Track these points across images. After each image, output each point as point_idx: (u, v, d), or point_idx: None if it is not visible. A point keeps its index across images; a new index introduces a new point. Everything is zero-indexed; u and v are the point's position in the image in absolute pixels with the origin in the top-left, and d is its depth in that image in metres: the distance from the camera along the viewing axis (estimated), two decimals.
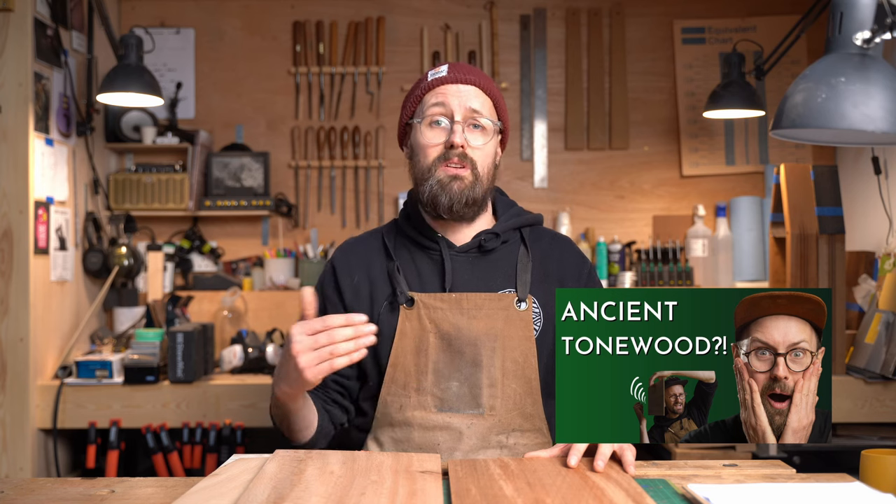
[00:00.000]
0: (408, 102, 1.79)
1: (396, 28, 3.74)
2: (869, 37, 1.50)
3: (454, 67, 1.75)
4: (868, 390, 2.74)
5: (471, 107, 1.71)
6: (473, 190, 1.70)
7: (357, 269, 1.78)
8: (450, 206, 1.70)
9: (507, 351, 1.69)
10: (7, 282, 2.83)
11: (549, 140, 3.73)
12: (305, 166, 3.69)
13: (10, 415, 2.83)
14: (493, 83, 1.79)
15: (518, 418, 1.70)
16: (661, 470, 1.45)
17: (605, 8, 3.73)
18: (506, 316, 1.70)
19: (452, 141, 1.69)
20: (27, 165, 2.84)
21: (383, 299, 1.73)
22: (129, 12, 3.69)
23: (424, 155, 1.72)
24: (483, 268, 1.75)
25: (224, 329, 3.38)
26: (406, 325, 1.70)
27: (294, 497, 1.20)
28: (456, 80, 1.72)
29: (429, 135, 1.72)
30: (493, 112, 1.76)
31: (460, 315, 1.69)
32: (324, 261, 3.58)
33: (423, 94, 1.75)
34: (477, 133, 1.72)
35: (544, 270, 1.77)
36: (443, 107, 1.71)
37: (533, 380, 1.71)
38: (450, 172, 1.69)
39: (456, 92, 1.72)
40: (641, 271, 3.51)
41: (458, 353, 1.68)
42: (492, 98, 1.76)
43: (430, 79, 1.75)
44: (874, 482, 1.44)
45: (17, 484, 1.41)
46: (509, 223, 1.79)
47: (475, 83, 1.74)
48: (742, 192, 3.69)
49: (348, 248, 1.83)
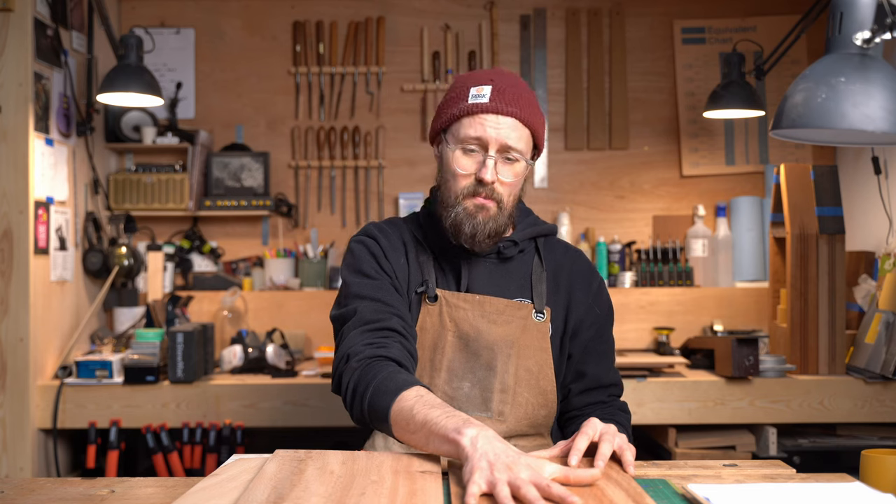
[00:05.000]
0: (445, 109, 1.71)
1: (396, 28, 3.74)
2: (869, 37, 1.50)
3: (497, 94, 1.66)
4: (868, 390, 2.74)
5: (507, 143, 1.64)
6: (497, 220, 1.67)
7: (398, 250, 1.74)
8: (472, 235, 1.66)
9: (522, 359, 1.69)
10: (7, 282, 2.83)
11: (550, 140, 3.73)
12: (305, 166, 3.69)
13: (10, 415, 2.83)
14: (535, 106, 1.70)
15: (526, 428, 1.70)
16: (661, 470, 1.45)
17: (605, 8, 3.73)
18: (524, 325, 1.70)
19: (483, 177, 1.64)
20: (27, 165, 2.84)
21: (414, 288, 1.72)
22: (129, 12, 3.69)
23: (455, 181, 1.67)
24: (500, 274, 1.74)
25: (224, 329, 3.38)
26: (427, 321, 1.70)
27: (294, 497, 1.20)
28: (497, 111, 1.64)
29: (462, 162, 1.66)
30: (529, 144, 1.69)
31: (481, 318, 1.69)
32: (324, 261, 3.58)
33: (462, 116, 1.67)
34: (509, 168, 1.66)
35: (556, 282, 1.77)
36: (479, 138, 1.65)
37: (549, 392, 1.71)
38: (477, 202, 1.66)
39: (495, 123, 1.64)
40: (641, 271, 3.51)
41: (474, 355, 1.69)
42: (531, 128, 1.68)
43: (470, 101, 1.66)
44: (874, 482, 1.44)
45: (17, 484, 1.41)
46: (526, 232, 1.77)
47: (516, 115, 1.65)
48: (742, 192, 3.69)
49: (382, 229, 1.77)
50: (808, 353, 2.81)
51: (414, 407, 1.39)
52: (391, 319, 1.62)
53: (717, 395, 2.77)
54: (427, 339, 1.70)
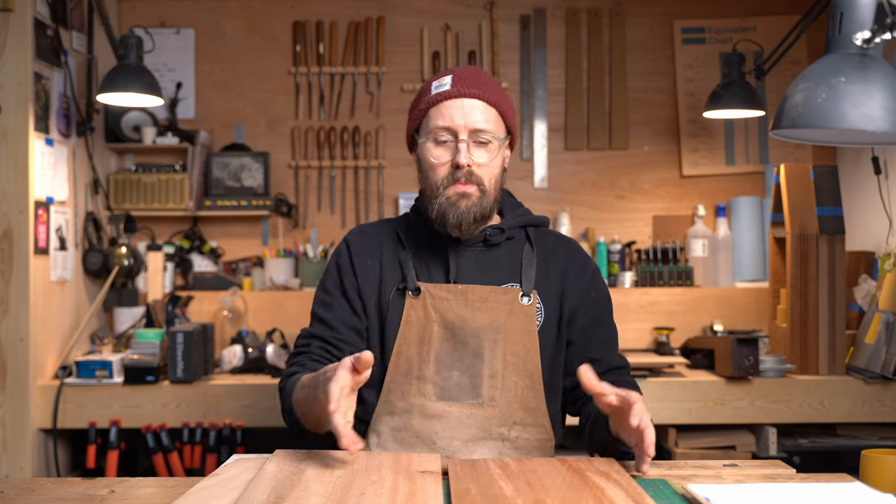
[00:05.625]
0: (413, 112, 1.77)
1: (396, 28, 3.74)
2: (869, 37, 1.50)
3: (458, 80, 1.71)
4: (868, 390, 2.74)
5: (476, 126, 1.69)
6: (481, 205, 1.71)
7: (371, 253, 1.80)
8: (458, 224, 1.71)
9: (509, 344, 1.72)
10: (7, 282, 2.83)
11: (549, 140, 3.73)
12: (305, 166, 3.69)
13: (10, 415, 2.83)
14: (500, 90, 1.74)
15: (520, 411, 1.71)
16: (661, 470, 1.45)
17: (605, 8, 3.73)
18: (509, 309, 1.72)
19: (458, 162, 1.68)
20: (27, 165, 2.84)
21: (393, 286, 1.76)
22: (129, 12, 3.69)
23: (433, 172, 1.72)
24: (487, 262, 1.77)
25: (224, 329, 3.38)
26: (411, 314, 1.73)
27: (294, 497, 1.20)
28: (460, 95, 1.69)
29: (435, 153, 1.72)
30: (499, 124, 1.73)
31: (465, 306, 1.72)
32: (324, 261, 3.58)
33: (428, 108, 1.72)
34: (483, 150, 1.71)
35: (547, 268, 1.79)
36: (447, 126, 1.69)
37: (535, 374, 1.73)
38: (458, 190, 1.70)
39: (460, 108, 1.69)
40: (641, 271, 3.51)
41: (461, 344, 1.71)
42: (498, 108, 1.72)
43: (433, 92, 1.71)
44: (874, 482, 1.44)
45: (17, 484, 1.41)
46: (515, 221, 1.81)
47: (479, 96, 1.70)
48: (742, 192, 3.69)
49: (363, 231, 1.84)
50: (808, 353, 2.81)
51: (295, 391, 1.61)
52: (313, 345, 1.76)
53: (717, 395, 2.77)
54: (413, 332, 1.73)
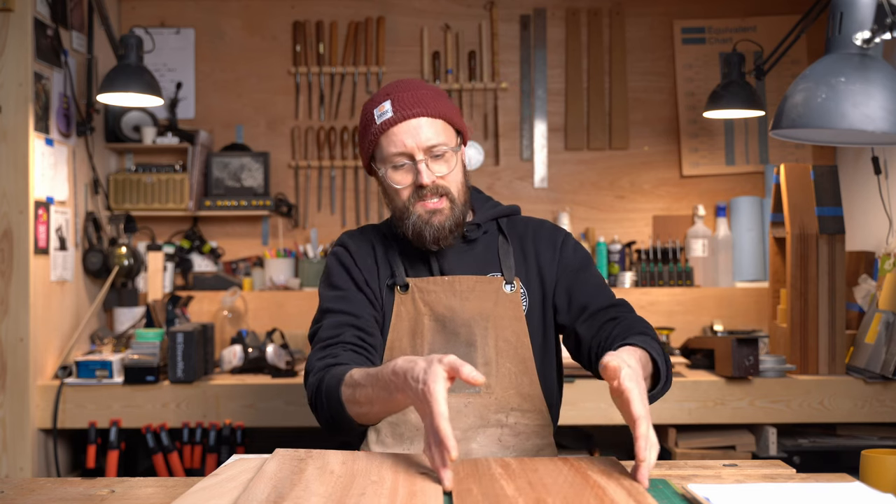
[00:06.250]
0: (364, 142, 1.77)
1: (396, 28, 3.74)
2: (869, 37, 1.50)
3: (397, 103, 1.71)
4: (868, 390, 2.74)
5: (427, 144, 1.69)
6: (453, 215, 1.72)
7: (366, 252, 1.82)
8: (435, 240, 1.72)
9: (500, 331, 1.74)
10: (7, 282, 2.83)
11: (549, 140, 3.73)
12: (305, 166, 3.69)
13: (10, 415, 2.83)
14: (439, 97, 1.74)
15: (516, 397, 1.73)
16: (661, 470, 1.45)
17: (605, 8, 3.73)
18: (496, 298, 1.75)
19: (421, 182, 1.69)
20: (27, 165, 2.84)
21: (384, 283, 1.79)
22: (129, 12, 3.69)
23: (398, 196, 1.73)
24: (469, 256, 1.80)
25: (224, 329, 3.38)
26: (401, 309, 1.75)
27: (294, 497, 1.20)
28: (404, 118, 1.70)
29: (397, 178, 1.72)
30: (448, 132, 1.73)
31: (453, 297, 1.74)
32: (324, 261, 3.58)
33: (377, 138, 1.73)
34: (440, 162, 1.71)
35: (524, 253, 1.82)
36: (401, 152, 1.70)
37: (528, 360, 1.75)
38: (428, 207, 1.71)
39: (407, 130, 1.69)
40: (641, 271, 3.51)
41: (453, 335, 1.73)
42: (443, 117, 1.72)
43: (378, 122, 1.72)
44: (874, 482, 1.44)
45: (17, 484, 1.41)
46: (487, 214, 1.83)
47: (422, 113, 1.70)
48: (742, 192, 3.69)
49: (352, 235, 1.87)
50: (808, 353, 2.81)
51: (357, 383, 1.50)
52: (345, 333, 1.69)
53: (717, 395, 2.77)
54: (404, 326, 1.75)
